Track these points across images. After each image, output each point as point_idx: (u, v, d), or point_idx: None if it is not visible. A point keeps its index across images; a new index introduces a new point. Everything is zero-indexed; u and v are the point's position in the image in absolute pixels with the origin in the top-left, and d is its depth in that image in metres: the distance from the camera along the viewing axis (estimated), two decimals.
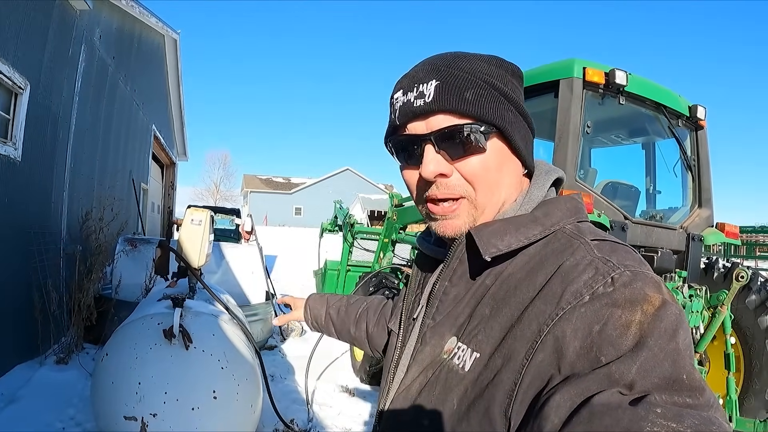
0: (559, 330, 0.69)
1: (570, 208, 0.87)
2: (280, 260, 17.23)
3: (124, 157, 10.16)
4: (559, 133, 3.63)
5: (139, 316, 2.87)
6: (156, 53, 13.10)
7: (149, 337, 2.70)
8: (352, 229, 8.36)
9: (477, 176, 0.86)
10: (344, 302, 1.60)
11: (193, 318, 2.81)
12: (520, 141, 0.88)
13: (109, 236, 6.55)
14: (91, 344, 5.75)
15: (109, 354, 2.76)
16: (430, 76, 0.86)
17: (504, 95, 0.86)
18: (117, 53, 8.70)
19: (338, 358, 6.56)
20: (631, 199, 4.35)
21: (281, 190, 56.52)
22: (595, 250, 0.77)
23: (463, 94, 0.83)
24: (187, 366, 2.65)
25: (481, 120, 0.84)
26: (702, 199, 4.45)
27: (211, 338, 2.78)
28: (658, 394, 0.60)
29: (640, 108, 4.05)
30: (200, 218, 3.13)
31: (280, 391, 5.10)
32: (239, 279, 6.62)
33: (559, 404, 0.63)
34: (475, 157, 0.85)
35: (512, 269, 0.82)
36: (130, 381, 2.62)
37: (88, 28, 6.81)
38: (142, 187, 12.31)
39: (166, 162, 17.91)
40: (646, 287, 0.70)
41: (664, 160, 4.78)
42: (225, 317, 3.05)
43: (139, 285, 5.94)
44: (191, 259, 3.15)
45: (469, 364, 0.79)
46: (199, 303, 3.12)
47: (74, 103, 6.51)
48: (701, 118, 4.32)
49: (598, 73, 3.63)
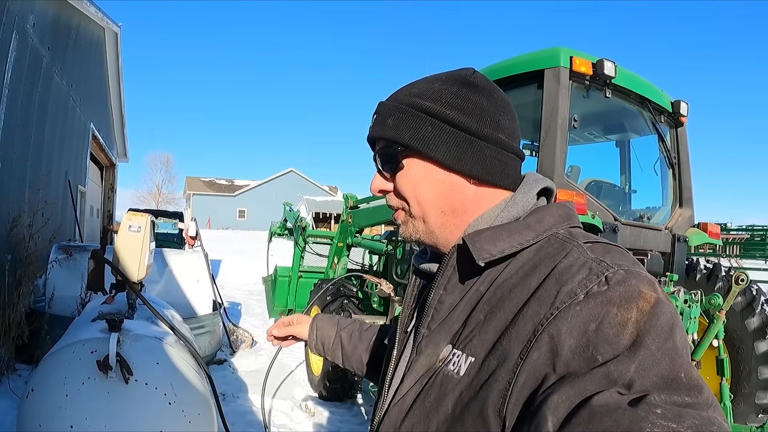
0: (554, 328, 0.69)
1: (562, 215, 0.89)
2: (225, 265, 16.57)
3: (60, 157, 9.39)
4: (545, 126, 3.35)
5: (69, 342, 2.40)
6: (95, 47, 12.35)
7: (81, 369, 2.24)
8: (303, 232, 7.99)
9: (403, 191, 0.96)
10: (357, 326, 1.55)
11: (133, 343, 2.35)
12: (444, 154, 0.91)
13: (40, 244, 5.93)
14: (24, 365, 5.18)
15: (34, 390, 2.28)
16: (378, 107, 1.00)
17: (428, 112, 0.91)
18: (53, 44, 8.00)
19: (293, 371, 6.16)
20: (615, 199, 4.15)
21: (224, 192, 56.12)
22: (589, 252, 0.78)
23: (386, 121, 0.95)
24: (128, 403, 2.21)
25: (395, 142, 0.94)
26: (683, 198, 4.28)
27: (154, 368, 2.34)
28: (657, 393, 0.60)
29: (624, 102, 3.83)
30: (139, 224, 2.69)
31: (233, 412, 4.67)
32: (184, 288, 6.13)
33: (557, 404, 0.62)
34: (400, 174, 0.96)
35: (506, 275, 0.83)
36: (61, 423, 2.16)
37: (20, 13, 6.14)
38: (79, 190, 11.54)
39: (105, 163, 17.11)
40: (640, 285, 0.70)
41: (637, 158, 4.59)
42: (170, 339, 2.60)
43: (75, 298, 5.36)
44: (130, 272, 2.70)
45: (464, 369, 0.80)
46: (140, 323, 2.67)
47: (3, 96, 5.84)
48: (683, 114, 4.15)
49: (585, 63, 3.37)
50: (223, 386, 5.48)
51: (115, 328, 2.32)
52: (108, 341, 2.26)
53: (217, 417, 2.73)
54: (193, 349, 2.72)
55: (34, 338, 5.08)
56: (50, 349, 2.55)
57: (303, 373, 6.03)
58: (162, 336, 2.59)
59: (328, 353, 1.54)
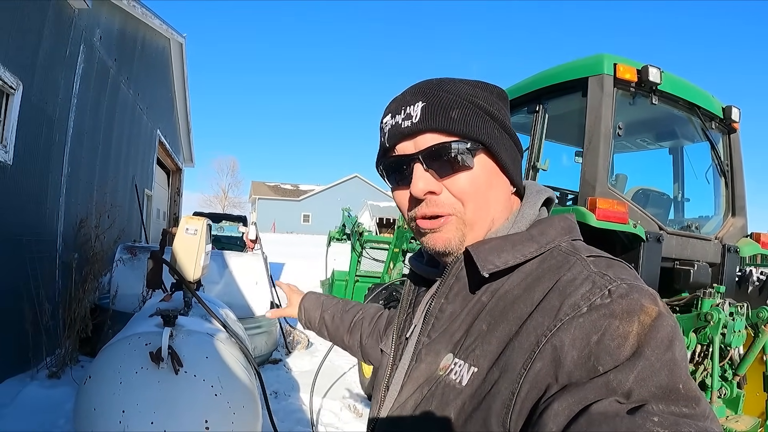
0: (558, 340, 0.70)
1: (564, 227, 0.89)
2: (288, 268, 16.94)
3: (126, 162, 9.89)
4: (589, 135, 3.34)
5: (126, 335, 2.58)
6: (161, 57, 12.87)
7: (135, 359, 2.40)
8: (360, 237, 8.11)
9: (465, 193, 0.87)
10: (340, 307, 1.60)
11: (185, 338, 2.51)
12: (506, 158, 0.89)
13: (106, 244, 6.28)
14: (87, 357, 5.48)
15: (92, 377, 2.47)
16: (417, 98, 0.89)
17: (489, 114, 0.88)
18: (119, 55, 8.45)
19: (346, 373, 6.27)
20: (663, 208, 4.06)
21: (289, 197, 56.45)
22: (592, 266, 0.78)
23: (448, 113, 0.86)
24: (177, 393, 2.36)
25: (467, 137, 0.86)
26: (735, 207, 4.15)
27: (204, 361, 2.49)
28: (655, 403, 0.61)
29: (673, 109, 3.76)
30: (195, 227, 2.85)
31: (283, 410, 4.82)
32: (243, 289, 6.33)
33: (557, 412, 0.63)
34: (462, 173, 0.87)
35: (509, 286, 0.83)
36: (113, 408, 2.32)
37: (87, 28, 6.56)
38: (146, 194, 12.07)
39: (171, 168, 17.74)
40: (642, 299, 0.71)
41: (691, 165, 4.49)
42: (222, 336, 2.75)
43: (137, 295, 5.66)
44: (186, 272, 2.87)
45: (467, 379, 0.79)
46: (194, 320, 2.83)
47: (72, 105, 6.25)
48: (735, 120, 4.03)
49: (630, 69, 3.34)
50: (276, 384, 5.65)
51: (169, 323, 2.48)
52: (161, 335, 2.43)
53: (263, 412, 2.86)
54: (243, 347, 2.85)
55: (98, 332, 5.37)
56: (107, 343, 2.75)
57: (355, 375, 6.12)
58: (213, 332, 2.74)
59: (316, 331, 1.65)
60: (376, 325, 1.47)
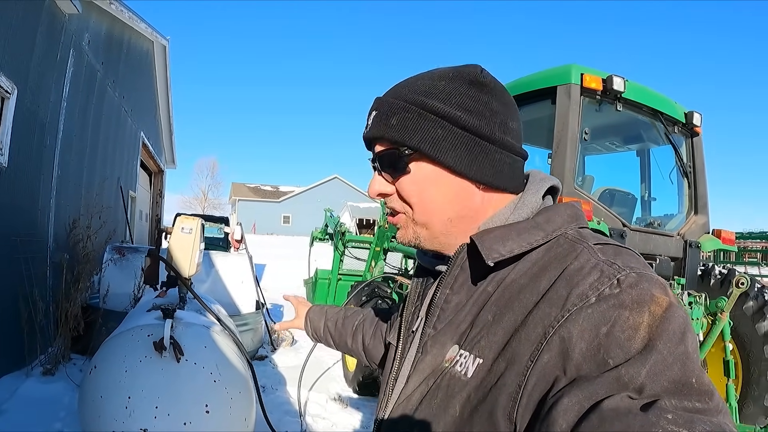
0: (565, 331, 0.69)
1: (570, 215, 0.87)
2: (270, 268, 17.13)
3: (113, 164, 10.00)
4: (557, 139, 3.60)
5: (129, 328, 2.78)
6: (145, 59, 12.96)
7: (139, 349, 2.60)
8: (343, 237, 8.30)
9: (408, 196, 0.91)
10: (341, 315, 1.61)
11: (184, 329, 2.72)
12: (452, 157, 0.87)
13: (96, 245, 6.43)
14: (79, 355, 5.62)
15: (97, 367, 2.66)
16: (374, 105, 0.94)
17: (437, 113, 0.87)
18: (106, 59, 8.58)
19: (330, 368, 6.48)
20: (628, 206, 4.32)
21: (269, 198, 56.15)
22: (599, 254, 0.77)
23: (389, 121, 0.89)
24: (179, 379, 2.56)
25: (401, 144, 0.88)
26: (698, 205, 4.43)
27: (202, 350, 2.69)
28: (668, 398, 0.59)
29: (637, 115, 4.03)
30: (191, 227, 3.05)
31: (272, 402, 5.01)
32: (229, 288, 6.51)
33: (567, 408, 0.62)
34: (403, 178, 0.90)
35: (515, 275, 0.82)
36: (120, 395, 2.52)
37: (77, 32, 6.70)
38: (130, 195, 12.16)
39: (154, 169, 17.75)
40: (652, 288, 0.69)
41: (658, 167, 4.76)
42: (216, 328, 2.96)
43: (127, 294, 5.83)
44: (181, 269, 3.06)
45: (472, 370, 0.78)
46: (190, 314, 3.03)
47: (62, 108, 6.39)
48: (697, 124, 4.30)
49: (595, 79, 3.60)
50: (263, 380, 5.81)
51: (168, 316, 2.68)
52: (163, 326, 2.62)
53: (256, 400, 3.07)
54: (236, 339, 3.06)
55: (89, 331, 5.49)
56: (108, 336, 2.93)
57: (339, 370, 6.32)
58: (209, 325, 2.95)
59: (323, 341, 1.65)
60: (378, 326, 1.47)
